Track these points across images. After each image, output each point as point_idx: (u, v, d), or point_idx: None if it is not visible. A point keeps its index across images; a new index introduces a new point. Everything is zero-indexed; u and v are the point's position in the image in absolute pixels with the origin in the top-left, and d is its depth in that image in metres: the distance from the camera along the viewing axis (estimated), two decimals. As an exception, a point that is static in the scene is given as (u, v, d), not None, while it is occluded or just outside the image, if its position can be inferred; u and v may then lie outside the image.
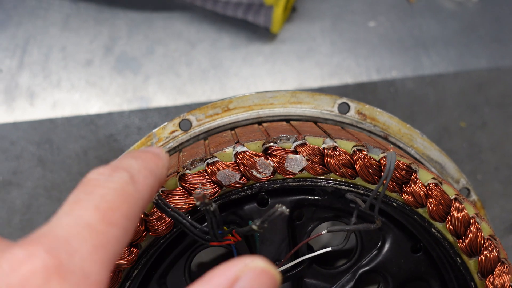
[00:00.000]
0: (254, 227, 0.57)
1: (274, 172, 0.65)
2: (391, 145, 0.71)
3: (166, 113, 1.05)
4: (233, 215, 0.70)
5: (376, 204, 0.63)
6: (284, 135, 0.65)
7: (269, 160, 0.64)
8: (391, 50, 1.14)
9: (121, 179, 0.47)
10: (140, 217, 0.48)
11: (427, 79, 1.12)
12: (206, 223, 0.59)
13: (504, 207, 1.11)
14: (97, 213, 0.43)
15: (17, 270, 0.38)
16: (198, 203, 0.56)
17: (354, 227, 0.64)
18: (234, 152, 0.64)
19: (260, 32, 1.12)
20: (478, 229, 0.66)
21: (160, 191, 0.63)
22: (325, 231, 0.64)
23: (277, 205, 0.56)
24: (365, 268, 0.74)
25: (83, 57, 1.08)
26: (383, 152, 0.65)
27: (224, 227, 0.61)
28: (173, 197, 0.62)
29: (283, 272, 0.70)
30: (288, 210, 0.56)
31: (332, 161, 0.64)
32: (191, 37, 1.11)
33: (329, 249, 0.68)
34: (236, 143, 0.66)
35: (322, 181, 0.66)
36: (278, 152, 0.64)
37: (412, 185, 0.65)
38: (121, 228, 0.44)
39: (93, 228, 0.42)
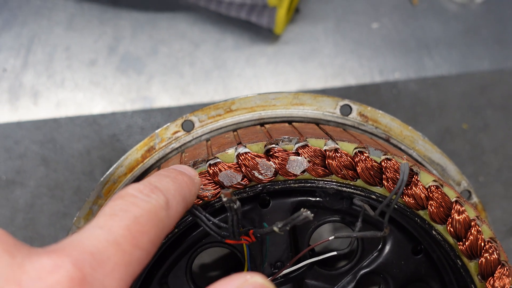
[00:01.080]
0: (275, 229, 0.58)
1: (275, 173, 0.65)
2: (405, 155, 0.71)
3: (169, 113, 1.06)
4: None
5: (387, 212, 0.63)
6: (286, 137, 0.65)
7: (270, 162, 0.64)
8: (394, 51, 1.14)
9: (157, 202, 0.49)
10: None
11: (430, 80, 1.12)
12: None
13: (505, 209, 1.11)
14: (128, 233, 0.45)
15: (44, 279, 0.40)
16: (224, 199, 0.56)
17: (361, 234, 0.64)
18: (236, 153, 0.64)
19: (263, 33, 1.12)
20: (478, 231, 0.66)
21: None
22: (332, 237, 0.64)
23: (302, 209, 0.56)
24: (365, 270, 0.74)
25: (87, 57, 1.08)
26: (385, 154, 0.65)
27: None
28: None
29: (285, 274, 0.70)
30: (312, 215, 0.56)
31: (334, 163, 0.65)
32: (194, 37, 1.12)
33: (335, 253, 0.68)
34: (238, 144, 0.66)
35: (323, 182, 0.66)
36: (280, 153, 0.64)
37: (413, 187, 0.65)
38: (145, 251, 0.46)
39: (120, 247, 0.44)
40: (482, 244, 0.66)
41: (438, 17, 1.18)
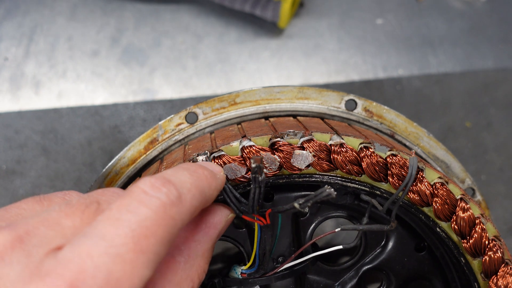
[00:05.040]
0: (296, 205, 0.56)
1: (280, 167, 0.64)
2: (413, 150, 0.70)
3: (171, 105, 1.05)
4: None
5: (393, 209, 0.62)
6: (291, 131, 0.65)
7: (275, 155, 0.64)
8: (398, 48, 1.14)
9: (168, 198, 0.47)
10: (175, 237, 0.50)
11: (434, 78, 1.12)
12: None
13: (507, 208, 1.11)
14: (131, 240, 0.43)
15: None
16: (253, 165, 0.55)
17: (368, 227, 0.64)
18: (240, 146, 0.64)
19: (267, 26, 1.12)
20: (483, 229, 0.65)
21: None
22: (339, 229, 0.64)
23: (326, 186, 0.55)
24: (368, 266, 0.74)
25: (89, 48, 1.08)
26: (390, 150, 0.65)
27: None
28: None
29: (287, 268, 0.69)
30: (336, 193, 0.55)
31: (339, 157, 0.64)
32: (198, 30, 1.11)
33: (340, 247, 0.67)
34: (242, 137, 0.65)
35: (328, 177, 0.66)
36: (285, 147, 0.64)
37: (419, 184, 0.65)
38: (152, 254, 0.44)
39: (123, 258, 0.42)
40: (486, 242, 0.66)
41: (443, 15, 1.18)
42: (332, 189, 0.55)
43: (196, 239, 0.56)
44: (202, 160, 0.62)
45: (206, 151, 0.63)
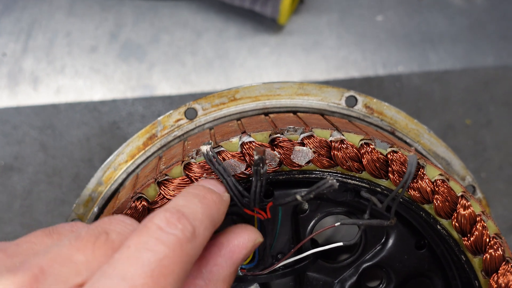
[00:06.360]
0: (298, 197, 0.56)
1: (280, 163, 0.64)
2: (413, 147, 0.70)
3: (170, 101, 1.04)
4: (235, 206, 0.69)
5: (392, 206, 0.62)
6: (291, 127, 0.64)
7: (275, 151, 0.63)
8: (398, 45, 1.13)
9: (184, 234, 0.47)
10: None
11: (434, 75, 1.11)
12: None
13: (506, 206, 1.11)
14: (150, 280, 0.43)
15: None
16: (256, 157, 0.55)
17: (367, 222, 0.63)
18: (240, 142, 0.63)
19: (266, 23, 1.11)
20: (484, 227, 0.65)
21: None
22: (338, 223, 0.64)
23: (328, 176, 0.55)
24: (368, 263, 0.73)
25: (88, 43, 1.07)
26: (391, 147, 0.64)
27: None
28: (177, 185, 0.62)
29: (287, 266, 0.69)
30: (338, 184, 0.55)
31: (339, 154, 0.64)
32: (197, 26, 1.10)
33: (341, 244, 0.67)
34: (242, 133, 0.65)
35: (328, 174, 0.65)
36: (285, 143, 0.63)
37: (419, 181, 0.64)
38: None
39: None
40: (487, 240, 0.65)
41: (443, 12, 1.17)
42: (335, 180, 0.54)
43: (219, 262, 0.55)
44: (206, 150, 0.61)
45: (210, 141, 0.62)
